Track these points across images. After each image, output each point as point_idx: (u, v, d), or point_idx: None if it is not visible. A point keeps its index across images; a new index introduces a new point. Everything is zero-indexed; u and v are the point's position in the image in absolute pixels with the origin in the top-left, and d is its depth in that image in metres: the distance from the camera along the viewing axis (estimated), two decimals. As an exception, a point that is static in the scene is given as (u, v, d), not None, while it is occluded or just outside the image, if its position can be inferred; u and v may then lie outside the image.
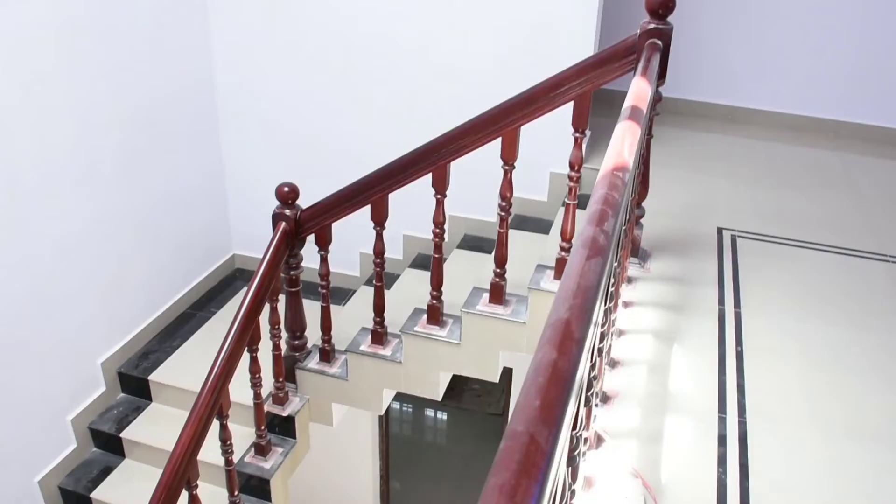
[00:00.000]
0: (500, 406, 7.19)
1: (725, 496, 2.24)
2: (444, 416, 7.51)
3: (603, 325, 1.91)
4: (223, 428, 2.99)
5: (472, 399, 7.41)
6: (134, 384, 3.99)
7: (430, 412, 7.54)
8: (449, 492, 6.50)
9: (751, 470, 2.33)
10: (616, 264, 2.08)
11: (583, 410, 1.61)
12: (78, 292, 3.66)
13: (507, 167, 2.84)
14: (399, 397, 7.27)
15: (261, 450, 3.40)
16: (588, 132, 2.77)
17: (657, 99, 2.70)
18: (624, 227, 2.12)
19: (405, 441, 7.11)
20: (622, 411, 2.47)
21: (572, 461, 1.55)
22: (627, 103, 2.04)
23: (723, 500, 2.22)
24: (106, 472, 3.79)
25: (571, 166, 2.78)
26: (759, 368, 2.74)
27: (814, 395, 2.64)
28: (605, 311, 1.93)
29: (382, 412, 3.55)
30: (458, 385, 7.46)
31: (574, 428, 1.45)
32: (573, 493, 1.82)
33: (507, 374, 4.88)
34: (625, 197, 1.61)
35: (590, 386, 1.74)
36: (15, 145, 3.21)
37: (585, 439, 1.94)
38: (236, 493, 3.21)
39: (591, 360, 1.66)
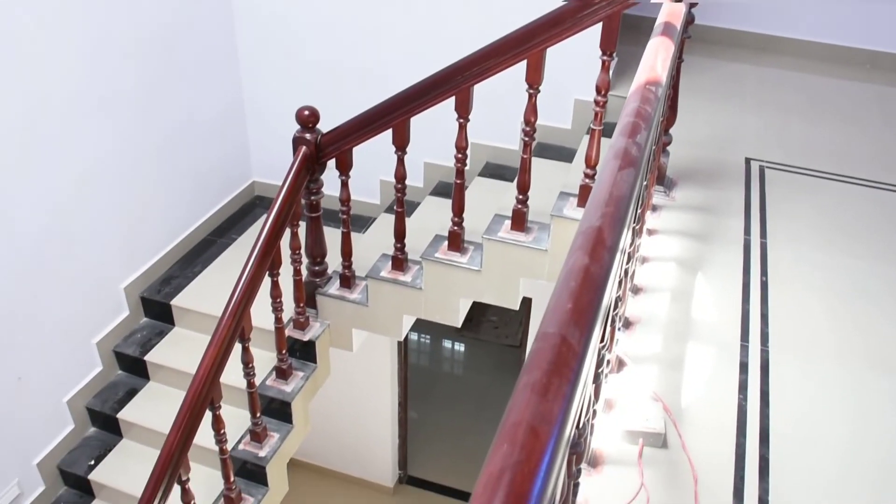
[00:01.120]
0: (517, 338, 7.22)
1: (745, 422, 2.24)
2: (462, 348, 7.55)
3: (630, 245, 1.89)
4: (245, 351, 3.02)
5: (490, 330, 7.44)
6: (156, 309, 4.02)
7: (447, 343, 7.58)
8: (466, 422, 6.57)
9: (772, 398, 2.33)
10: (644, 183, 2.05)
11: (608, 329, 1.60)
12: (99, 220, 3.67)
13: (531, 91, 2.79)
14: (417, 328, 7.32)
15: (282, 373, 3.43)
16: (615, 57, 2.71)
17: (689, 20, 2.63)
18: (652, 148, 2.08)
19: (423, 371, 7.17)
20: (644, 337, 2.46)
21: (597, 378, 1.55)
22: (660, 20, 1.99)
23: (743, 427, 2.22)
24: (131, 393, 3.85)
25: (598, 90, 2.73)
26: (784, 299, 2.72)
27: (837, 327, 2.63)
28: (632, 232, 1.91)
29: (402, 338, 3.57)
30: (476, 316, 7.48)
31: (601, 340, 1.44)
32: (594, 413, 1.82)
33: (525, 305, 4.89)
34: (657, 112, 1.58)
35: (615, 305, 1.73)
36: (33, 77, 3.18)
37: (608, 361, 1.93)
38: (258, 414, 3.26)
39: (622, 271, 1.64)
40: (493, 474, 0.69)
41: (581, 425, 1.19)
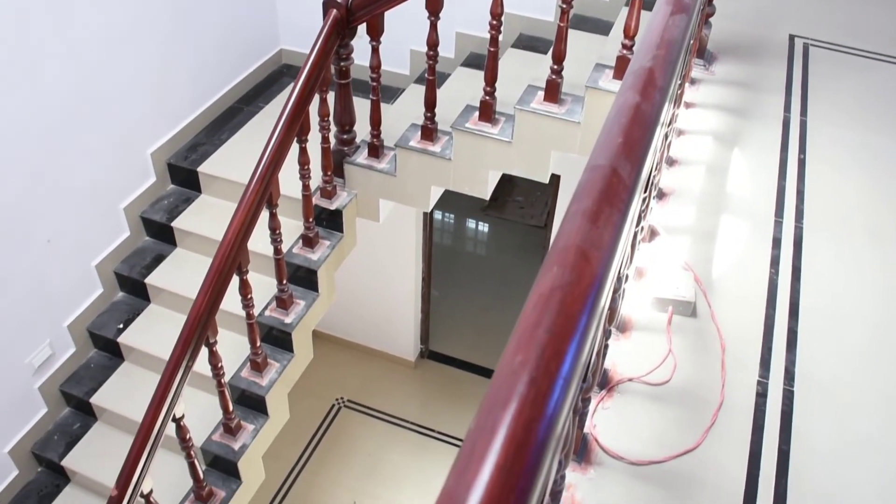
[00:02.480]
0: (542, 219, 7.19)
1: (776, 295, 2.22)
2: (486, 228, 7.55)
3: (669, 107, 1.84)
4: (272, 217, 3.01)
5: (515, 210, 7.41)
6: (183, 176, 4.01)
7: (471, 223, 7.57)
8: (488, 300, 6.63)
9: (803, 273, 2.30)
10: (684, 54, 1.97)
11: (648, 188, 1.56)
12: (124, 85, 3.62)
13: (570, -46, 2.67)
14: (441, 205, 7.30)
15: (308, 242, 3.44)
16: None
17: None
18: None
19: (446, 250, 7.19)
20: (677, 208, 2.43)
21: (633, 238, 1.52)
22: None
23: (773, 300, 2.21)
24: (159, 259, 3.89)
25: (642, -46, 2.61)
26: (821, 176, 2.66)
27: (872, 207, 2.58)
28: (671, 97, 1.85)
29: (429, 209, 3.55)
30: (502, 196, 7.44)
31: (645, 189, 1.40)
32: (626, 277, 1.81)
33: (552, 186, 4.85)
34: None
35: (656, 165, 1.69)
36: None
37: (642, 227, 1.90)
38: (285, 281, 3.28)
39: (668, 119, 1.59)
40: (543, 294, 0.67)
41: (623, 273, 1.17)
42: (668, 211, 2.40)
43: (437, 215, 7.50)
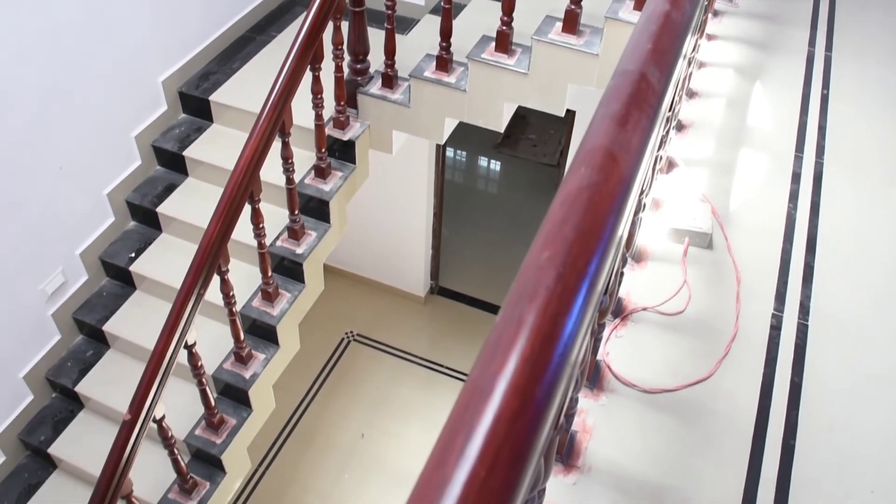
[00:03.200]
0: (555, 157, 7.13)
1: (793, 231, 2.20)
2: (497, 166, 7.49)
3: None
4: (285, 146, 2.99)
5: (528, 149, 7.34)
6: (195, 104, 3.97)
7: (483, 161, 7.52)
8: (498, 239, 6.62)
9: (822, 209, 2.28)
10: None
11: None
12: (135, 10, 3.55)
13: None
14: (453, 142, 7.25)
15: (321, 173, 3.41)
16: None
17: None
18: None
19: (457, 188, 7.15)
20: (696, 140, 2.39)
21: (654, 164, 1.50)
22: None
23: (790, 234, 2.19)
24: (170, 188, 3.87)
25: None
26: (843, 113, 2.62)
27: (895, 144, 2.53)
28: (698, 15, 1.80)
29: (443, 142, 3.51)
30: (515, 133, 7.37)
31: (670, 111, 1.37)
32: (644, 206, 1.79)
33: (567, 124, 4.79)
34: None
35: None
36: None
37: (659, 157, 1.87)
38: (297, 212, 3.27)
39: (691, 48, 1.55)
40: (571, 193, 0.65)
41: (647, 186, 1.15)
42: (687, 143, 2.37)
43: (450, 153, 7.45)
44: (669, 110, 1.70)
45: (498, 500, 0.47)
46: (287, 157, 3.02)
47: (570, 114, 4.68)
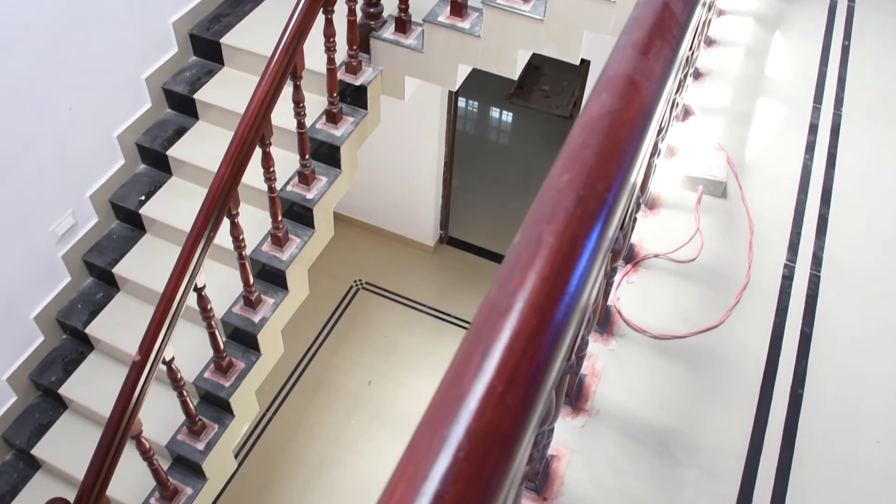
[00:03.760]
0: (568, 109, 7.06)
1: (808, 182, 2.18)
2: (509, 117, 7.43)
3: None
4: (297, 89, 2.96)
5: (541, 100, 7.27)
6: (206, 47, 3.93)
7: (495, 112, 7.46)
8: (508, 190, 6.59)
9: (838, 161, 2.25)
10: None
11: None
12: (146, -54, 3.52)
13: None
14: (465, 92, 7.19)
15: (332, 118, 3.39)
16: None
17: None
18: None
19: (469, 139, 7.11)
20: (713, 89, 2.36)
21: (671, 107, 1.48)
22: None
23: (805, 186, 2.17)
24: (180, 132, 3.84)
25: None
26: (864, 65, 2.57)
27: (917, 96, 2.50)
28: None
29: (456, 88, 3.47)
30: (528, 84, 7.30)
31: (689, 51, 1.35)
32: (660, 151, 1.77)
33: (580, 75, 4.73)
34: None
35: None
36: None
37: (676, 103, 1.85)
38: (307, 156, 3.25)
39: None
40: (592, 118, 0.64)
41: (665, 125, 1.14)
42: (704, 91, 2.33)
43: (462, 103, 7.39)
44: (689, 50, 1.68)
45: (513, 416, 0.47)
46: (298, 101, 2.99)
47: (584, 65, 4.62)
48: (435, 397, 0.48)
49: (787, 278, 1.91)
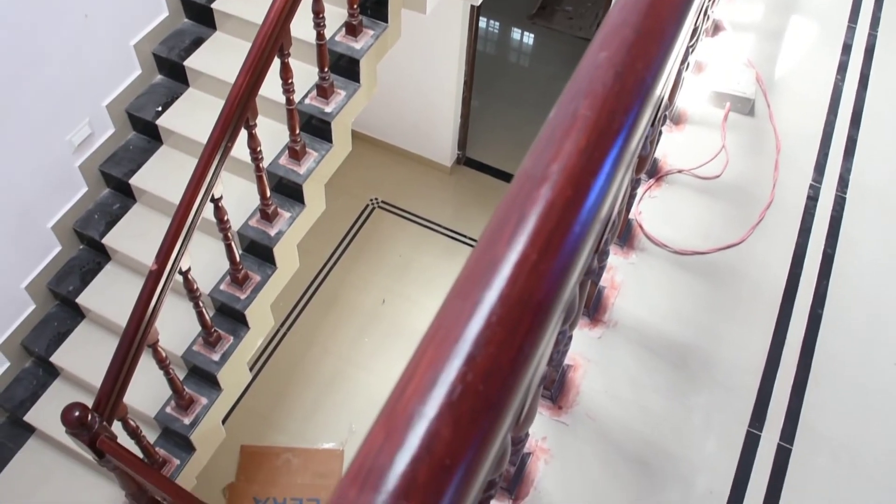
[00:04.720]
0: (591, 31, 6.91)
1: (839, 103, 2.13)
2: (531, 39, 7.29)
3: None
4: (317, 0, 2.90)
5: (563, 21, 7.12)
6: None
7: (516, 33, 7.31)
8: (528, 112, 6.50)
9: (871, 82, 2.19)
10: None
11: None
12: None
13: None
14: (487, 12, 7.04)
15: (352, 30, 3.32)
16: None
17: None
18: None
19: (489, 59, 6.98)
20: (744, 4, 2.29)
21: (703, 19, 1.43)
22: None
23: (835, 107, 2.12)
24: (197, 42, 3.78)
25: None
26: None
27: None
28: None
29: (479, 2, 3.39)
30: (551, 4, 7.14)
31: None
32: (688, 65, 1.72)
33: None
34: None
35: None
36: None
37: (707, 16, 1.79)
38: (326, 69, 3.20)
39: None
40: (616, 25, 0.61)
41: (698, 33, 1.10)
42: (735, 6, 2.27)
43: (483, 23, 7.24)
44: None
45: (547, 285, 0.46)
46: (318, 12, 2.93)
47: (610, -17, 4.51)
48: (467, 264, 0.47)
49: (812, 199, 1.88)
